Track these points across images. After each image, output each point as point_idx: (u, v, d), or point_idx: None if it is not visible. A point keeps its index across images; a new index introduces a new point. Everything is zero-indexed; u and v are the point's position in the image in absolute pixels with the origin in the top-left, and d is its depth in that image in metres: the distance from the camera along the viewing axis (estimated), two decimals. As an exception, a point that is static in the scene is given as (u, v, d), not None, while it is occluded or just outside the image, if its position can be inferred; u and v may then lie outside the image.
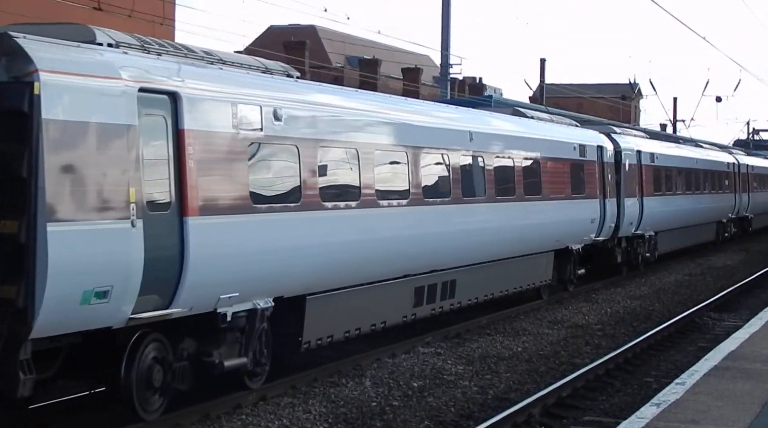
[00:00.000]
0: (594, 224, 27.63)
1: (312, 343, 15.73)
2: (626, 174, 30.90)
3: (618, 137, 31.55)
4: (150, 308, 12.20)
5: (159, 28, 30.50)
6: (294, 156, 14.85)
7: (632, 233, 31.66)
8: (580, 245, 26.97)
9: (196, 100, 12.96)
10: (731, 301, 27.62)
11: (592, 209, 27.46)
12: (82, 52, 11.80)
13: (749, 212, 52.06)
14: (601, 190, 28.19)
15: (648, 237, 33.35)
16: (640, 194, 32.15)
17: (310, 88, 16.61)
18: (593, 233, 27.78)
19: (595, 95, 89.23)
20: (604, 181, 28.53)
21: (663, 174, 35.24)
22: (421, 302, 18.86)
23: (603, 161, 28.67)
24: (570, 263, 26.74)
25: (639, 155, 32.55)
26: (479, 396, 15.57)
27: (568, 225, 25.83)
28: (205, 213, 12.92)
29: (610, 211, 28.75)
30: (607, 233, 28.93)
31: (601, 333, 21.79)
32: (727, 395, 12.67)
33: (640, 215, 31.96)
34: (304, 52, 68.53)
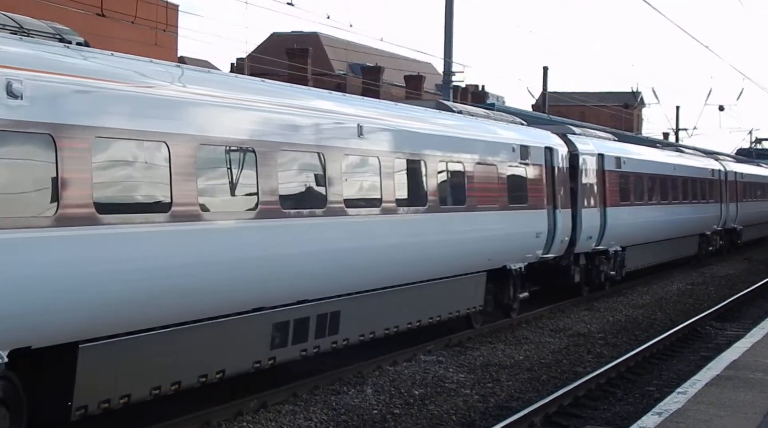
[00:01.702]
0: (540, 238, 23.71)
1: (93, 407, 11.48)
2: (585, 181, 27.22)
3: (575, 139, 27.43)
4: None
5: (162, 35, 30.53)
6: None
7: (593, 248, 27.81)
8: (522, 264, 22.88)
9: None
10: (734, 310, 27.57)
11: (537, 221, 23.55)
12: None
13: (738, 223, 47.59)
14: (550, 199, 24.44)
15: (613, 253, 29.52)
16: (603, 204, 28.32)
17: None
18: (540, 249, 23.80)
19: (598, 104, 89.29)
20: (554, 188, 24.72)
21: (632, 181, 31.15)
22: (285, 343, 14.72)
23: (554, 165, 24.83)
24: (510, 286, 22.78)
25: (601, 159, 28.50)
26: (480, 404, 15.55)
27: (504, 241, 21.79)
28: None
29: (562, 224, 24.94)
30: (558, 250, 25.09)
31: (603, 342, 21.75)
32: (730, 404, 12.63)
33: (602, 228, 28.15)
34: (306, 59, 68.61)
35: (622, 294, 30.39)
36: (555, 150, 25.05)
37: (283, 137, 14.43)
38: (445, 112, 21.02)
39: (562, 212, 25.05)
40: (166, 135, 12.11)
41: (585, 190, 27.08)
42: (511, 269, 22.36)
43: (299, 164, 14.88)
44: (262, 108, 14.24)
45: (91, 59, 11.74)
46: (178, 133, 12.34)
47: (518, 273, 22.89)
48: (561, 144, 25.84)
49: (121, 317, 11.56)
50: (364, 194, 16.56)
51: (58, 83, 10.86)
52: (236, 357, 13.78)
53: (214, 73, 14.96)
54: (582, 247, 26.94)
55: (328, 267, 15.49)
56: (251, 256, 13.63)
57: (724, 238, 45.57)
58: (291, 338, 14.83)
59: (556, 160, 24.95)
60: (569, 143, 26.63)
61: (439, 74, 51.36)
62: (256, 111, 14.08)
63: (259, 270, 13.78)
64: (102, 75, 11.51)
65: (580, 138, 27.96)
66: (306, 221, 14.86)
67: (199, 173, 12.66)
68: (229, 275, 13.18)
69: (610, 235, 28.63)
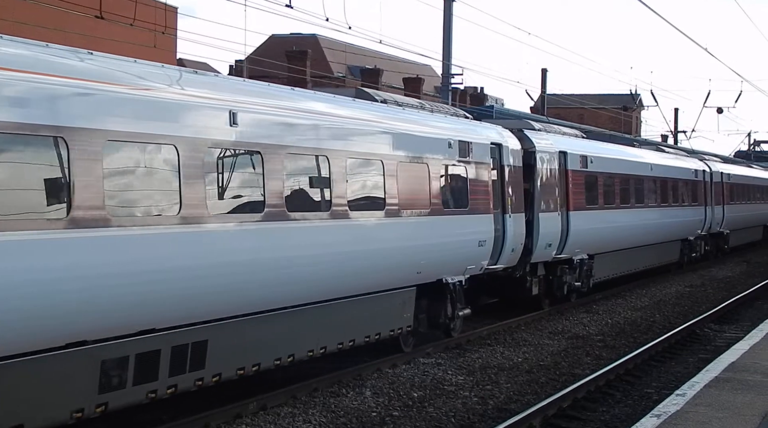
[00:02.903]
0: (485, 247, 20.54)
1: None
2: (543, 181, 24.28)
3: (533, 134, 24.47)
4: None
5: (161, 37, 30.54)
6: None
7: (553, 257, 24.98)
8: (462, 277, 19.85)
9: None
10: (732, 312, 27.59)
11: (481, 227, 20.41)
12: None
13: (725, 227, 44.42)
14: (498, 202, 21.49)
15: (578, 262, 26.58)
16: (566, 208, 25.55)
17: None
18: (485, 259, 20.72)
19: (597, 106, 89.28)
20: (503, 190, 21.80)
21: (601, 182, 28.14)
22: (122, 383, 11.74)
23: (503, 163, 21.85)
24: (447, 302, 19.67)
25: (564, 158, 25.66)
26: (479, 406, 15.56)
27: (438, 251, 18.73)
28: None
29: (513, 230, 21.95)
30: (510, 260, 22.15)
31: (602, 344, 21.77)
32: (728, 406, 12.65)
33: (564, 235, 25.34)
34: (306, 61, 68.62)
35: (621, 297, 30.40)
36: (505, 147, 22.03)
37: (111, 121, 11.37)
38: (363, 101, 17.88)
39: (514, 217, 22.12)
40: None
41: (543, 192, 24.25)
42: (448, 282, 19.34)
43: (137, 161, 11.72)
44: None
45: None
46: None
47: (458, 288, 19.79)
48: (513, 140, 22.86)
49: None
50: (240, 198, 13.41)
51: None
52: (42, 405, 10.73)
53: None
54: (540, 256, 24.24)
55: (185, 290, 12.39)
56: (62, 277, 10.64)
57: (710, 243, 42.73)
58: (132, 377, 11.82)
59: (506, 158, 21.99)
60: (524, 139, 23.78)
61: (438, 76, 51.43)
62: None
63: (75, 295, 10.78)
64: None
65: (538, 134, 25.00)
66: (146, 232, 11.70)
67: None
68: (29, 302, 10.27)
69: (574, 242, 25.88)
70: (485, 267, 20.92)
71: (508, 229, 21.77)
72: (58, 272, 10.55)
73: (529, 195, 23.59)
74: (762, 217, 54.38)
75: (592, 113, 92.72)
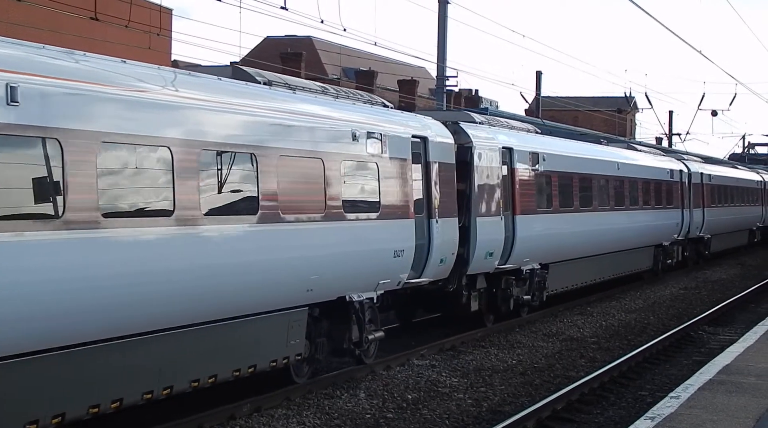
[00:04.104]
0: (403, 258, 17.79)
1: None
2: (482, 181, 21.39)
3: (470, 128, 21.48)
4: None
5: (156, 39, 30.52)
6: None
7: (495, 267, 22.14)
8: (374, 294, 17.20)
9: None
10: (726, 315, 27.62)
11: (397, 235, 17.62)
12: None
13: (706, 231, 41.55)
14: (421, 205, 18.65)
15: (528, 273, 23.78)
16: (512, 211, 22.67)
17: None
18: (404, 272, 17.94)
19: (591, 108, 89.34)
20: (429, 191, 18.92)
21: (556, 183, 25.33)
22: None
23: (429, 160, 18.96)
24: (352, 324, 16.81)
25: (510, 155, 22.77)
26: (474, 408, 15.56)
27: (338, 264, 15.90)
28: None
29: (442, 237, 19.12)
30: (438, 272, 19.27)
31: (596, 346, 21.78)
32: (722, 409, 12.67)
33: (509, 242, 22.47)
34: (300, 63, 68.57)
35: (615, 299, 30.42)
36: (431, 140, 19.06)
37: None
38: (234, 81, 14.75)
39: (443, 222, 19.23)
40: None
41: (482, 193, 21.32)
42: (352, 301, 16.56)
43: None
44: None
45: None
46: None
47: (366, 306, 17.02)
48: (443, 133, 19.95)
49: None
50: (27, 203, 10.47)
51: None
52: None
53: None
54: (479, 266, 21.36)
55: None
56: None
57: (689, 248, 40.14)
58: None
59: (432, 153, 19.08)
60: (459, 133, 20.93)
61: (432, 79, 51.44)
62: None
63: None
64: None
65: (478, 127, 22.02)
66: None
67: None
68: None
69: (522, 250, 22.94)
70: (405, 281, 17.99)
71: (434, 236, 18.78)
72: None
73: (465, 197, 20.73)
74: (747, 220, 51.56)
75: (587, 116, 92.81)
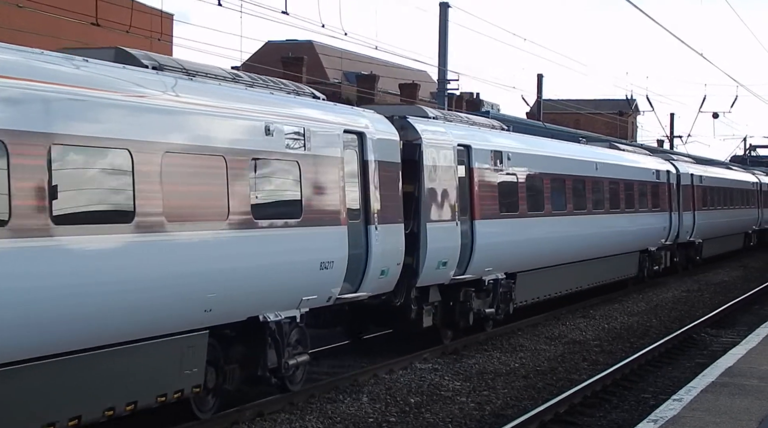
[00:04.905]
0: (333, 270, 15.59)
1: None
2: (434, 183, 19.19)
3: (420, 123, 19.33)
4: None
5: (157, 44, 30.56)
6: None
7: (451, 278, 19.89)
8: (296, 312, 15.00)
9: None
10: (729, 317, 27.61)
11: (325, 244, 15.45)
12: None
13: (697, 236, 39.28)
14: (358, 210, 16.58)
15: (491, 283, 21.50)
16: (470, 216, 20.43)
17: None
18: (336, 286, 15.82)
19: (593, 111, 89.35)
20: (367, 194, 16.84)
21: (523, 184, 23.02)
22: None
23: (368, 158, 16.94)
24: (267, 348, 14.51)
25: (468, 154, 20.54)
26: (476, 412, 15.56)
27: (244, 279, 13.66)
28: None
29: (382, 246, 17.01)
30: (379, 285, 17.27)
31: (599, 349, 21.77)
32: (725, 411, 12.66)
33: (468, 250, 20.28)
34: (301, 67, 68.62)
35: (618, 302, 30.40)
36: (369, 136, 16.97)
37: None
38: (113, 66, 12.50)
39: (384, 228, 17.17)
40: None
41: (434, 196, 19.17)
42: (267, 321, 14.34)
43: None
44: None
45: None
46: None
47: (288, 327, 14.90)
48: (385, 129, 17.85)
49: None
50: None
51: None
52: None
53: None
54: (431, 278, 19.16)
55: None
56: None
57: (678, 254, 37.78)
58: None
59: (371, 151, 17.00)
60: (407, 129, 18.84)
61: (434, 82, 51.46)
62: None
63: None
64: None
65: (429, 123, 19.84)
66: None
67: None
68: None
69: (483, 259, 20.76)
70: (337, 297, 16.00)
71: (373, 245, 16.78)
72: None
73: (413, 200, 18.69)
74: (742, 224, 49.18)
75: (588, 119, 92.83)
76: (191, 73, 13.90)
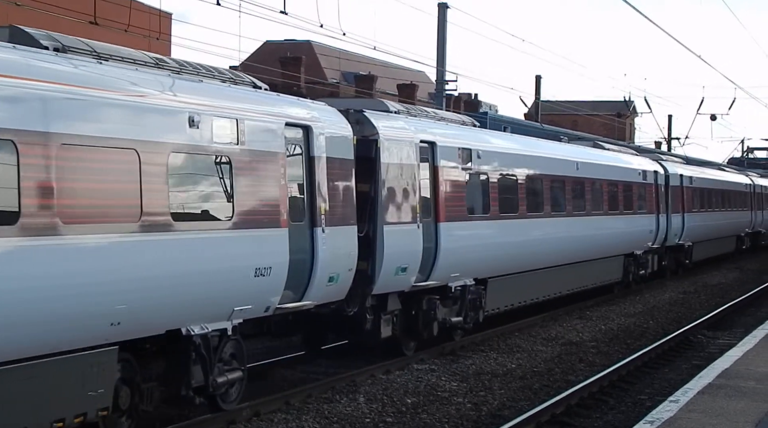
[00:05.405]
0: (271, 278, 14.23)
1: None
2: (393, 182, 17.86)
3: (377, 118, 17.87)
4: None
5: (155, 43, 30.57)
6: None
7: (412, 285, 18.58)
8: (227, 324, 13.68)
9: None
10: (725, 319, 27.63)
11: (261, 248, 14.08)
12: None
13: (686, 239, 37.89)
14: (300, 211, 15.24)
15: (459, 290, 20.17)
16: (435, 218, 19.13)
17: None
18: (275, 295, 14.51)
19: (591, 113, 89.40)
20: (313, 193, 15.51)
21: (495, 184, 21.68)
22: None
23: (314, 154, 15.51)
24: (191, 365, 13.10)
25: (432, 151, 19.27)
26: (473, 412, 15.56)
27: (162, 288, 12.25)
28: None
29: (331, 251, 15.66)
30: (328, 293, 15.95)
31: (595, 351, 21.78)
32: (721, 413, 12.67)
33: (431, 254, 19.02)
34: (300, 67, 68.64)
35: (614, 303, 30.41)
36: (316, 130, 15.60)
37: None
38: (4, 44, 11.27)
39: (333, 231, 15.81)
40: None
41: (393, 196, 17.86)
42: (191, 335, 12.96)
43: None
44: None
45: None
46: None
47: (217, 340, 13.61)
48: (336, 122, 16.54)
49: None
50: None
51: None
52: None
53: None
54: (388, 284, 17.87)
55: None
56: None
57: (666, 257, 36.47)
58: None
59: (318, 146, 15.64)
60: (363, 123, 17.56)
61: (432, 83, 51.50)
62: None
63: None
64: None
65: (389, 118, 18.50)
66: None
67: None
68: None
69: (449, 263, 19.44)
70: (277, 306, 14.62)
71: (319, 249, 15.40)
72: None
73: (370, 201, 17.46)
74: (734, 227, 47.92)
75: (586, 120, 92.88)
76: (102, 56, 12.41)
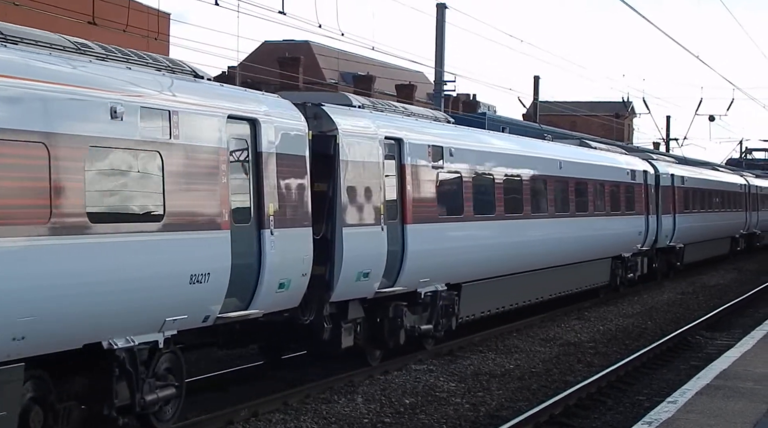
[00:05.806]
0: (208, 285, 12.92)
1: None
2: (354, 181, 16.64)
3: (337, 112, 16.70)
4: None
5: (153, 43, 30.59)
6: None
7: (376, 291, 17.35)
8: (158, 337, 12.38)
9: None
10: (723, 320, 27.63)
11: (198, 253, 12.81)
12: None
13: (677, 240, 36.80)
14: (247, 212, 14.00)
15: (429, 296, 19.00)
16: (401, 219, 17.97)
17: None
18: (216, 303, 13.25)
19: (589, 113, 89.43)
20: (260, 192, 14.19)
21: (469, 184, 20.52)
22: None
23: (261, 150, 14.22)
24: (114, 381, 11.77)
25: (399, 148, 18.11)
26: (471, 413, 15.56)
27: (77, 297, 10.91)
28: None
29: (281, 255, 14.40)
30: (279, 300, 14.68)
31: (594, 351, 21.78)
32: (719, 414, 12.67)
33: (397, 257, 17.81)
34: (298, 67, 68.64)
35: (613, 304, 30.42)
36: (264, 124, 14.32)
37: None
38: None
39: (284, 233, 14.55)
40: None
41: (353, 196, 16.63)
42: (114, 349, 11.63)
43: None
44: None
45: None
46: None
47: (146, 354, 12.35)
48: (288, 115, 15.22)
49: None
50: None
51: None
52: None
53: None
54: (349, 291, 16.59)
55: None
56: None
57: (657, 260, 35.32)
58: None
59: (267, 141, 14.38)
60: (321, 118, 16.32)
61: (430, 83, 51.53)
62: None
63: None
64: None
65: (352, 112, 17.34)
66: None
67: None
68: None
69: (417, 268, 18.25)
70: (218, 316, 13.37)
71: (267, 253, 14.13)
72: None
73: (328, 201, 16.26)
74: (728, 228, 46.96)
75: (584, 120, 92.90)
76: (10, 39, 11.08)
